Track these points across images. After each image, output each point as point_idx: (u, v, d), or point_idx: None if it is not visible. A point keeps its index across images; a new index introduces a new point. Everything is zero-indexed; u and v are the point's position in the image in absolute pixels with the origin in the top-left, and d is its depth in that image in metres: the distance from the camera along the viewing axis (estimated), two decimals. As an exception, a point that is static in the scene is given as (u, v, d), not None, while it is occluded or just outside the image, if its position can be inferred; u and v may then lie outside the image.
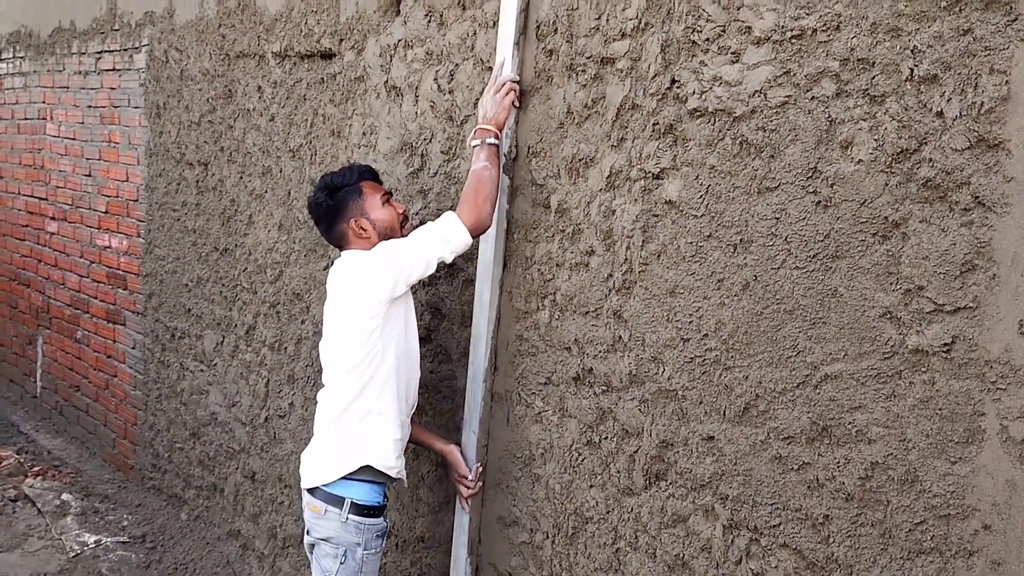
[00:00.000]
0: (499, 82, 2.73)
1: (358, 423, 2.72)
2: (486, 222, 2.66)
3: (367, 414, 2.72)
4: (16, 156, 6.59)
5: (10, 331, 6.89)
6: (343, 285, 2.72)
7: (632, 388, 2.49)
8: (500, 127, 2.70)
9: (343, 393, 2.73)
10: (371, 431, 2.73)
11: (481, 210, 2.63)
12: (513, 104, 2.74)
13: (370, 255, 2.70)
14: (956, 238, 1.85)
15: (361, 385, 2.70)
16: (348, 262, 2.76)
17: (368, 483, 2.74)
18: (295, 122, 3.82)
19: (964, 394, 1.85)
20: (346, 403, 2.73)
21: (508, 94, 2.72)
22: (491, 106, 2.71)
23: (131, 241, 5.26)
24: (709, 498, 2.32)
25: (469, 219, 2.63)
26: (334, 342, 2.76)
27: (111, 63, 5.37)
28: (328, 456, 2.76)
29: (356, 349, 2.68)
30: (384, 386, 2.71)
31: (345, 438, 2.74)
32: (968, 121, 1.83)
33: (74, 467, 5.61)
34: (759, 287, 2.17)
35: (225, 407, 4.40)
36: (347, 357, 2.70)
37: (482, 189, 2.63)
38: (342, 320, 2.71)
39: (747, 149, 2.19)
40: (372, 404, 2.71)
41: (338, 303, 2.74)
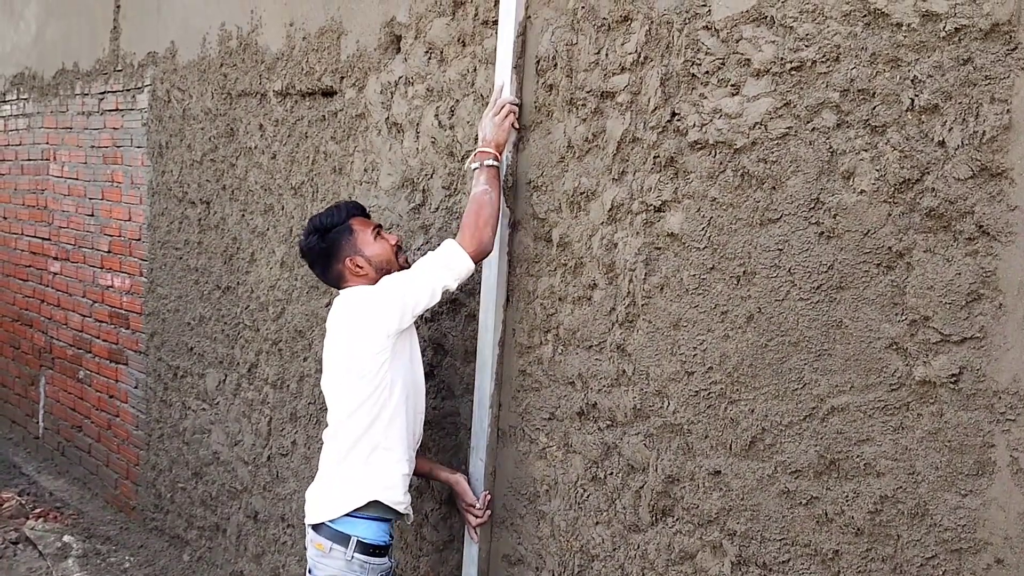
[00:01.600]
0: (498, 104, 2.73)
1: (366, 458, 2.69)
2: (487, 246, 2.65)
3: (375, 449, 2.69)
4: (20, 197, 6.61)
5: (13, 372, 6.87)
6: (348, 322, 2.70)
7: (637, 422, 2.47)
8: (500, 149, 2.70)
9: (351, 429, 2.70)
10: (379, 466, 2.70)
11: (482, 234, 2.62)
12: (512, 126, 2.74)
13: (374, 290, 2.69)
14: (961, 267, 1.84)
15: (369, 421, 2.67)
16: (351, 298, 2.74)
17: (375, 520, 2.70)
18: (297, 159, 3.83)
19: (973, 425, 1.83)
20: (354, 439, 2.70)
21: (507, 116, 2.72)
22: (490, 128, 2.70)
23: (133, 280, 5.25)
24: (717, 534, 2.29)
25: (470, 244, 2.62)
26: (339, 379, 2.73)
27: (114, 103, 5.39)
28: (335, 492, 2.73)
29: (364, 385, 2.66)
30: (392, 420, 2.69)
31: (353, 474, 2.71)
32: (970, 150, 1.82)
33: (76, 508, 5.57)
34: (763, 319, 2.16)
35: (227, 446, 4.37)
36: (354, 393, 2.68)
37: (483, 213, 2.62)
38: (348, 356, 2.69)
39: (748, 181, 2.18)
40: (380, 439, 2.69)
41: (342, 340, 2.71)
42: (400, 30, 3.27)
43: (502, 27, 2.79)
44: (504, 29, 2.78)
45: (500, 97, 2.75)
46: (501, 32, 2.80)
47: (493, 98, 2.76)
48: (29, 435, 6.65)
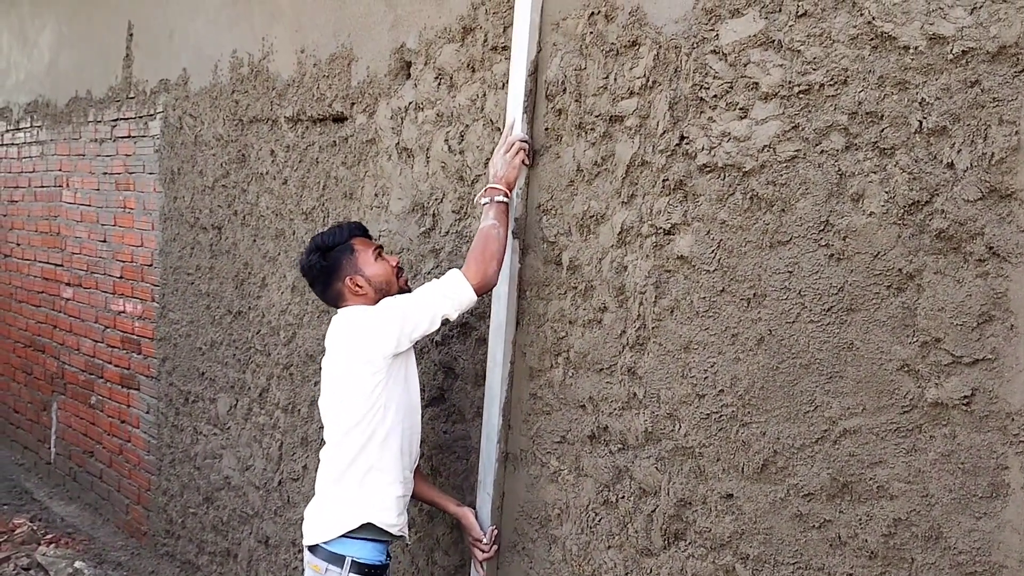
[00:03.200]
0: (509, 141, 2.74)
1: (360, 480, 2.69)
2: (492, 280, 2.66)
3: (369, 470, 2.69)
4: (33, 223, 6.66)
5: (25, 397, 6.89)
6: (345, 341, 2.72)
7: (648, 446, 2.46)
8: (510, 186, 2.72)
9: (346, 450, 2.71)
10: (373, 488, 2.69)
11: (487, 267, 2.63)
12: (523, 163, 2.76)
13: (374, 310, 2.70)
14: (972, 289, 1.84)
15: (363, 441, 2.68)
16: (349, 317, 2.75)
17: (370, 541, 2.70)
18: (308, 185, 3.85)
19: (986, 447, 1.82)
20: (349, 460, 2.70)
21: (518, 153, 2.73)
22: (501, 165, 2.71)
23: (145, 305, 5.28)
24: (729, 558, 2.28)
25: (475, 277, 2.63)
26: (336, 398, 2.74)
27: (126, 130, 5.44)
28: (329, 513, 2.74)
29: (359, 405, 2.67)
30: (386, 442, 2.69)
31: (347, 495, 2.71)
32: (979, 172, 1.82)
33: (87, 534, 5.57)
34: (774, 341, 2.16)
35: (239, 471, 4.37)
36: (349, 413, 2.69)
37: (489, 246, 2.64)
38: (344, 376, 2.70)
39: (758, 203, 2.19)
40: (374, 460, 2.69)
41: (340, 359, 2.73)
42: (410, 56, 3.30)
43: (514, 66, 2.81)
44: (516, 68, 2.81)
45: (511, 134, 2.77)
46: (513, 70, 2.82)
47: (504, 135, 2.78)
48: (41, 460, 6.66)
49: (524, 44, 2.78)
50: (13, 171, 6.98)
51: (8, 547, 5.23)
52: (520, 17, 2.80)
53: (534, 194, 2.79)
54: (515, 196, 2.79)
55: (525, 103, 2.78)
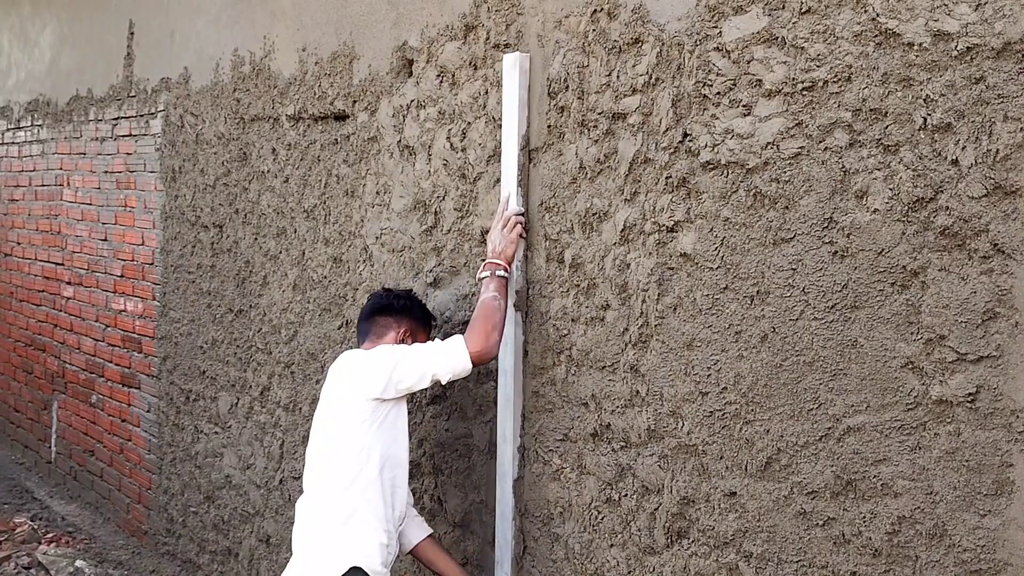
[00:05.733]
0: (505, 216, 2.78)
1: (343, 522, 2.64)
2: (492, 351, 2.66)
3: (353, 513, 2.64)
4: (33, 222, 6.65)
5: (26, 396, 6.89)
6: (340, 375, 2.75)
7: (651, 444, 2.46)
8: (509, 261, 2.75)
9: (327, 492, 2.68)
10: (357, 531, 2.64)
11: (489, 338, 2.63)
12: (520, 236, 2.79)
13: (371, 353, 2.74)
14: (976, 286, 1.83)
15: (346, 484, 2.65)
16: (350, 355, 2.80)
17: None
18: (309, 183, 3.85)
19: (991, 445, 1.82)
20: (330, 503, 2.66)
21: (515, 228, 2.77)
22: (499, 241, 2.75)
23: (146, 304, 5.27)
24: (733, 556, 2.27)
25: (475, 346, 2.63)
26: (322, 434, 2.76)
27: (127, 129, 5.44)
28: (312, 563, 2.66)
29: (342, 445, 2.67)
30: (368, 488, 2.65)
31: (329, 540, 2.65)
32: (984, 168, 1.82)
33: (88, 533, 5.56)
34: (777, 339, 2.15)
35: (240, 469, 4.37)
36: (334, 452, 2.69)
37: (492, 317, 2.65)
38: (332, 412, 2.73)
39: (761, 201, 2.18)
40: (358, 503, 2.64)
41: (332, 393, 2.76)
42: (412, 54, 3.29)
43: (505, 141, 2.84)
44: (507, 143, 2.83)
45: (507, 210, 2.80)
46: (504, 145, 2.84)
47: (500, 210, 2.81)
48: (41, 460, 6.66)
49: (515, 118, 2.81)
50: (14, 170, 6.98)
51: (9, 546, 5.23)
52: (509, 93, 2.82)
53: (537, 191, 2.79)
54: (515, 270, 2.81)
55: (519, 177, 2.80)
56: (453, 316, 3.10)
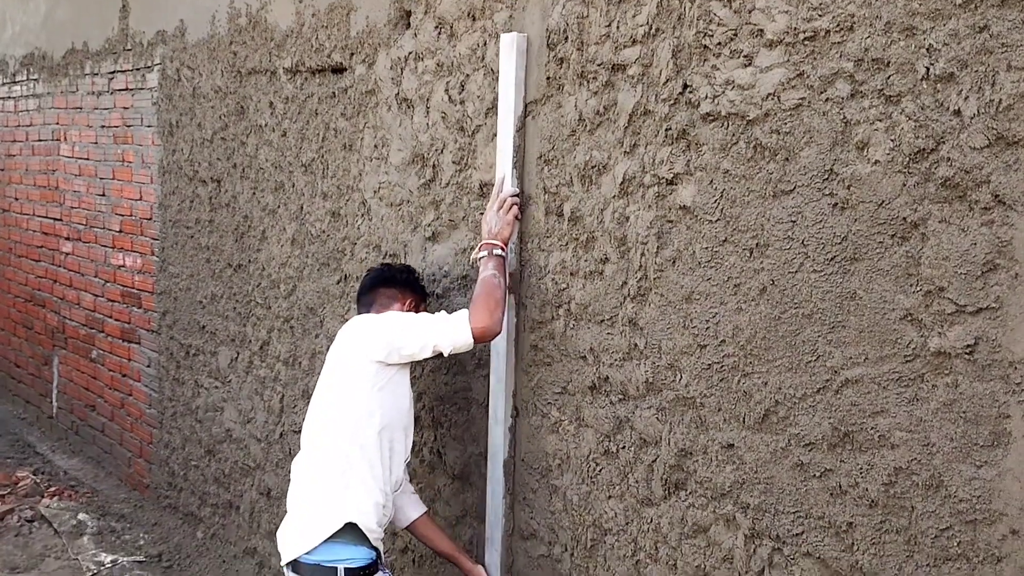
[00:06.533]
0: (501, 198, 2.77)
1: (339, 481, 2.65)
2: (495, 328, 2.64)
3: (350, 472, 2.65)
4: (31, 177, 6.63)
5: (26, 352, 6.90)
6: (346, 339, 2.77)
7: (649, 396, 2.46)
8: (505, 242, 2.74)
9: (325, 450, 2.69)
10: (354, 489, 2.65)
11: (492, 315, 2.62)
12: (516, 218, 2.78)
13: (379, 316, 2.78)
14: (976, 238, 1.82)
15: (344, 443, 2.66)
16: (359, 319, 2.82)
17: (356, 545, 2.64)
18: (307, 137, 3.82)
19: (988, 396, 1.82)
20: (328, 461, 2.68)
21: (511, 209, 2.76)
22: (495, 222, 2.75)
23: (145, 259, 5.26)
24: (730, 507, 2.29)
25: (478, 322, 2.61)
26: (325, 393, 2.78)
27: (124, 83, 5.39)
28: (308, 520, 2.67)
29: (344, 403, 2.69)
30: (367, 447, 2.67)
31: (326, 497, 2.66)
32: (986, 119, 1.80)
33: (90, 487, 5.60)
34: (776, 291, 2.15)
35: (240, 424, 4.39)
36: (335, 410, 2.71)
37: (493, 294, 2.64)
38: (335, 372, 2.75)
39: (761, 152, 2.17)
40: (356, 462, 2.66)
41: (337, 357, 2.77)
42: (410, 5, 3.25)
43: (501, 122, 2.82)
44: (503, 124, 2.81)
45: (502, 191, 2.79)
46: (500, 127, 2.82)
47: (495, 191, 2.80)
48: (43, 414, 6.69)
49: (511, 100, 2.78)
50: (10, 125, 6.93)
51: (12, 499, 5.27)
52: (506, 73, 2.79)
53: (535, 144, 2.77)
54: (510, 251, 2.80)
55: (514, 159, 2.79)
56: (452, 271, 3.09)
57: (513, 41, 2.75)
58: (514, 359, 2.86)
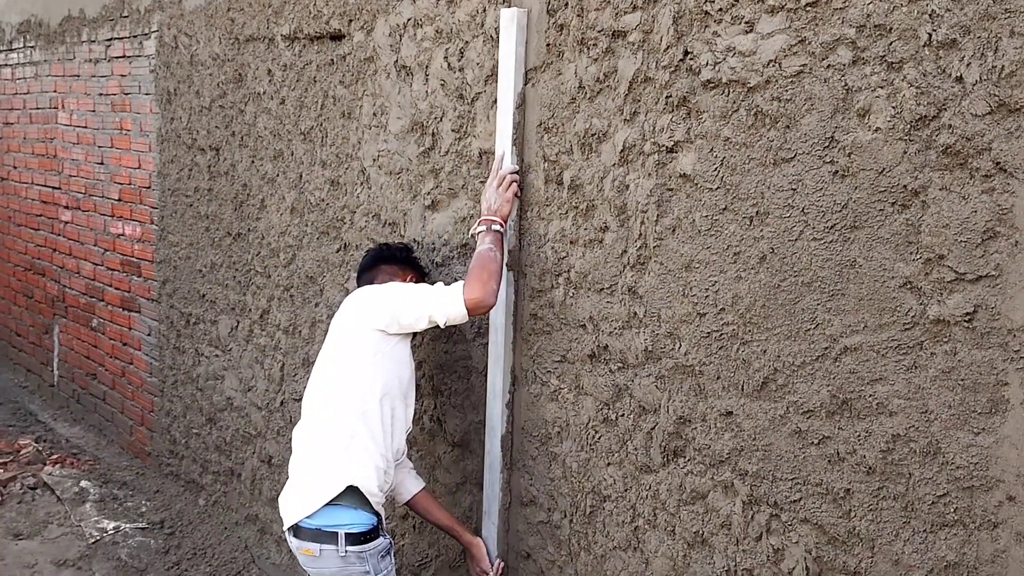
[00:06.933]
0: (500, 175, 2.76)
1: (342, 446, 2.67)
2: (489, 300, 2.63)
3: (352, 437, 2.67)
4: (29, 146, 6.60)
5: (27, 320, 6.91)
6: (349, 309, 2.80)
7: (648, 364, 2.47)
8: (504, 219, 2.74)
9: (329, 416, 2.71)
10: (356, 454, 2.67)
11: (486, 286, 2.62)
12: (515, 195, 2.77)
13: (379, 286, 2.81)
14: (977, 205, 1.82)
15: (347, 410, 2.69)
16: (362, 290, 2.84)
17: (357, 509, 2.66)
18: (306, 104, 3.81)
19: (987, 364, 1.82)
20: (329, 428, 2.70)
21: (510, 187, 2.75)
22: (494, 199, 2.74)
23: (144, 228, 5.26)
24: (728, 474, 2.30)
25: (471, 293, 2.61)
26: (325, 367, 2.80)
27: (121, 50, 5.35)
28: (310, 485, 2.69)
29: (345, 372, 2.72)
30: (369, 414, 2.69)
31: (327, 462, 2.68)
32: (988, 86, 1.79)
33: (92, 455, 5.63)
34: (776, 259, 2.15)
35: (241, 392, 4.40)
36: (336, 380, 2.73)
37: (488, 267, 2.64)
38: (338, 343, 2.77)
39: (762, 120, 2.16)
40: (357, 428, 2.68)
41: (340, 326, 2.80)
42: (408, -29, 3.23)
43: (501, 99, 2.80)
44: (503, 101, 2.79)
45: (501, 168, 2.78)
46: (500, 104, 2.80)
47: (494, 168, 2.79)
48: (44, 383, 6.71)
49: (511, 77, 2.76)
50: (7, 92, 6.89)
51: (15, 467, 5.30)
52: (505, 50, 2.77)
53: (535, 112, 2.75)
54: (509, 228, 2.79)
55: (514, 136, 2.78)
56: (451, 239, 3.09)
57: (513, 16, 2.73)
58: (513, 328, 2.86)
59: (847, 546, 2.07)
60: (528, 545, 2.90)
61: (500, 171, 2.77)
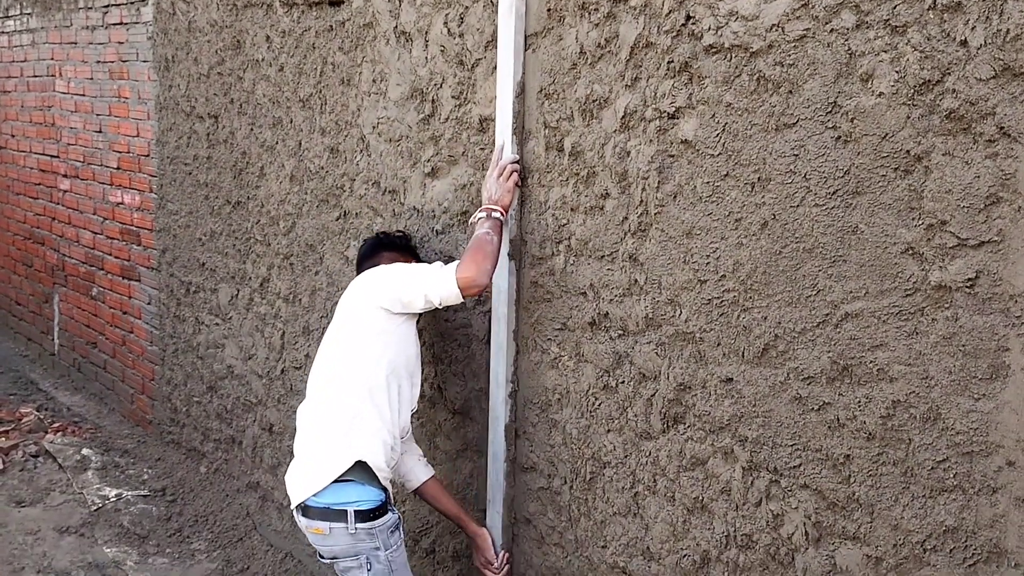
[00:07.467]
0: (501, 165, 2.74)
1: (348, 423, 2.68)
2: (480, 280, 2.62)
3: (360, 413, 2.69)
4: (26, 114, 6.57)
5: (27, 289, 6.91)
6: (355, 289, 2.81)
7: (649, 331, 2.47)
8: (505, 209, 2.73)
9: (336, 392, 2.72)
10: (363, 430, 2.68)
11: (479, 267, 2.61)
12: (516, 185, 2.75)
13: (386, 267, 2.82)
14: (980, 170, 1.81)
15: (355, 385, 2.70)
16: (366, 273, 2.86)
17: (365, 485, 2.66)
18: (304, 71, 3.78)
19: (988, 329, 1.82)
20: (338, 403, 2.71)
21: (511, 176, 2.74)
22: (495, 189, 2.73)
23: (143, 197, 5.24)
24: (728, 440, 2.31)
25: (463, 272, 2.62)
26: (330, 345, 2.82)
27: (118, 17, 5.31)
28: (316, 462, 2.69)
29: (352, 350, 2.73)
30: (376, 390, 2.70)
31: (335, 439, 2.68)
32: (993, 49, 1.77)
33: (93, 423, 5.65)
34: (777, 226, 2.14)
35: (241, 360, 4.41)
36: (343, 357, 2.75)
37: (483, 249, 2.63)
38: (344, 321, 2.79)
39: (764, 85, 2.14)
40: (365, 405, 2.69)
41: (345, 305, 2.81)
42: (408, -65, 3.19)
43: (500, 88, 2.77)
44: (502, 90, 2.77)
45: (502, 158, 2.76)
46: (499, 93, 2.78)
47: (495, 158, 2.78)
48: (45, 352, 6.72)
49: (510, 64, 2.74)
50: (4, 60, 6.85)
51: (16, 435, 5.32)
52: (504, 38, 2.74)
53: (536, 78, 2.73)
54: (510, 217, 2.78)
55: (514, 125, 2.76)
56: (451, 206, 3.08)
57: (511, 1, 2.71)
58: (515, 295, 2.86)
59: (846, 511, 2.08)
60: (528, 511, 2.91)
61: (501, 161, 2.76)
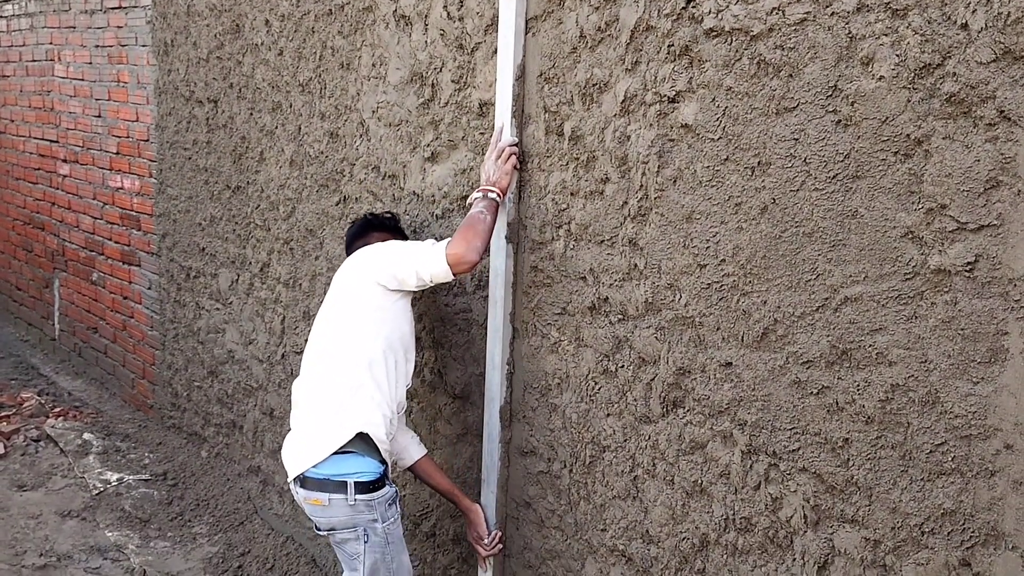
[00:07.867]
0: (499, 148, 2.74)
1: (350, 395, 2.69)
2: (469, 257, 2.62)
3: (359, 387, 2.70)
4: (25, 99, 6.56)
5: (27, 274, 6.91)
6: (349, 268, 2.82)
7: (648, 316, 2.47)
8: (503, 191, 2.73)
9: (334, 367, 2.73)
10: (363, 402, 2.69)
11: (468, 244, 2.62)
12: (514, 167, 2.75)
13: (379, 244, 2.83)
14: (980, 154, 1.81)
15: (353, 359, 2.71)
16: (359, 252, 2.87)
17: (366, 456, 2.68)
18: (304, 55, 3.77)
19: (987, 313, 1.82)
20: (336, 377, 2.72)
21: (509, 159, 2.74)
22: (493, 171, 2.74)
23: (143, 181, 5.24)
24: (727, 424, 2.31)
25: (453, 250, 2.63)
26: (326, 322, 2.82)
27: (117, 1, 5.30)
28: (316, 433, 2.70)
29: (348, 325, 2.74)
30: (374, 364, 2.72)
31: (335, 411, 2.69)
32: (994, 32, 1.77)
33: (94, 408, 5.66)
34: (777, 210, 2.14)
35: (242, 345, 4.41)
36: (339, 332, 2.76)
37: (474, 227, 2.64)
38: (340, 298, 2.80)
39: (765, 69, 2.14)
40: (364, 378, 2.70)
41: (341, 282, 2.82)
42: (407, -82, 3.18)
43: (500, 71, 2.77)
44: (502, 73, 2.76)
45: (501, 140, 2.76)
46: (499, 76, 2.77)
47: (493, 140, 2.78)
48: (46, 337, 6.73)
49: (510, 48, 2.73)
50: (3, 45, 6.84)
51: (18, 419, 5.33)
52: (505, 21, 2.74)
53: (536, 61, 2.73)
54: (508, 201, 2.78)
55: (513, 108, 2.75)
56: (451, 191, 3.08)
57: None
58: (511, 278, 2.86)
59: (845, 495, 2.08)
60: (528, 495, 2.92)
61: (499, 143, 2.76)
